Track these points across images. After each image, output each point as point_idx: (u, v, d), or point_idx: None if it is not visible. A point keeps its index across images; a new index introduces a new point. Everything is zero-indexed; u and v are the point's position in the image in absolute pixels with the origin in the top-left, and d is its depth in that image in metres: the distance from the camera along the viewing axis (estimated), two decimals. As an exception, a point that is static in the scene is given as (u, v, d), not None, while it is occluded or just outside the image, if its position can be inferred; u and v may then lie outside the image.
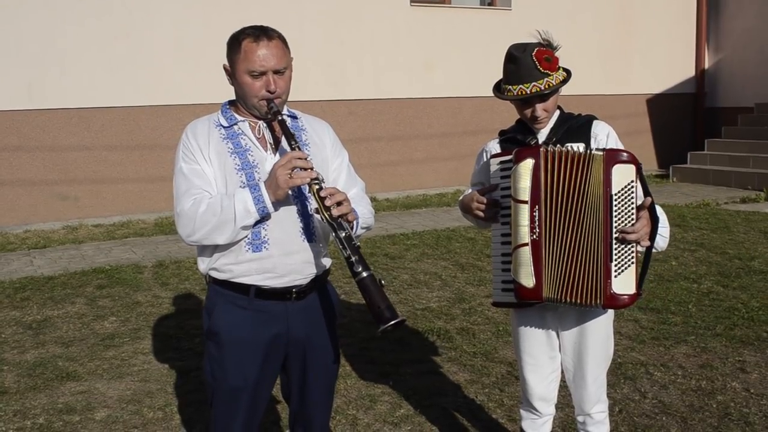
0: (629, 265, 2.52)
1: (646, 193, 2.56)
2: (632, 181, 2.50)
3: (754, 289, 5.83)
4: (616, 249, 2.50)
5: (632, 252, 2.52)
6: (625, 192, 2.49)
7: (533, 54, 2.61)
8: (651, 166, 12.77)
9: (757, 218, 8.55)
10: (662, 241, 2.70)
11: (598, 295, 2.52)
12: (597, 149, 2.54)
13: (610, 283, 2.51)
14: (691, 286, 5.94)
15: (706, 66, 13.27)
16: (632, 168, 2.49)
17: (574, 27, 11.54)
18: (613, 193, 2.48)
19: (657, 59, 12.77)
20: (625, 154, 2.51)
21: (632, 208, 2.50)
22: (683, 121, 13.22)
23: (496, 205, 2.70)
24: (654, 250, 2.70)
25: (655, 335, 4.89)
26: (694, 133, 13.23)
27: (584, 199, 2.51)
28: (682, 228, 8.06)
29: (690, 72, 13.20)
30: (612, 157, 2.49)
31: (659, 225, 2.61)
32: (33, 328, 5.30)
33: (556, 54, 2.67)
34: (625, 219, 2.50)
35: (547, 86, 2.61)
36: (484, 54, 11.13)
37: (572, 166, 2.52)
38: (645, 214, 2.53)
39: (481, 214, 2.72)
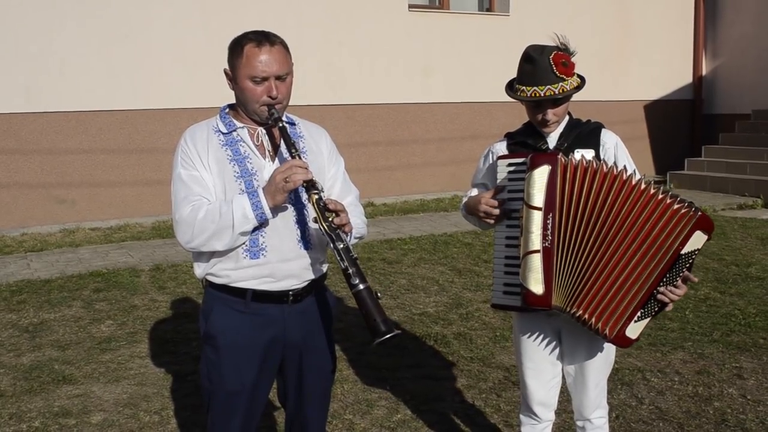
0: (647, 317, 2.55)
1: (690, 268, 2.55)
2: (698, 250, 2.49)
3: (751, 295, 5.84)
4: (651, 300, 2.51)
5: (656, 308, 2.54)
6: (688, 257, 2.48)
7: (551, 57, 2.59)
8: (648, 172, 12.77)
9: (754, 225, 8.57)
10: None
11: (612, 329, 2.52)
12: (696, 207, 2.46)
13: (629, 325, 2.52)
14: (688, 293, 5.93)
15: (704, 72, 13.31)
16: (704, 239, 2.48)
17: (571, 33, 11.26)
18: (682, 252, 2.47)
19: (654, 66, 12.79)
20: (711, 225, 2.48)
21: (682, 273, 2.50)
22: (680, 128, 13.24)
23: (506, 211, 2.65)
24: None
25: (652, 341, 4.89)
26: (691, 139, 13.25)
27: (635, 227, 2.47)
28: (679, 234, 8.05)
29: (687, 78, 13.23)
30: (704, 221, 2.45)
31: None
32: (29, 331, 5.28)
33: (573, 59, 2.66)
34: (673, 279, 2.50)
35: (561, 91, 2.59)
36: (482, 59, 11.15)
37: (616, 185, 2.47)
38: (685, 287, 2.54)
39: (494, 212, 2.66)
